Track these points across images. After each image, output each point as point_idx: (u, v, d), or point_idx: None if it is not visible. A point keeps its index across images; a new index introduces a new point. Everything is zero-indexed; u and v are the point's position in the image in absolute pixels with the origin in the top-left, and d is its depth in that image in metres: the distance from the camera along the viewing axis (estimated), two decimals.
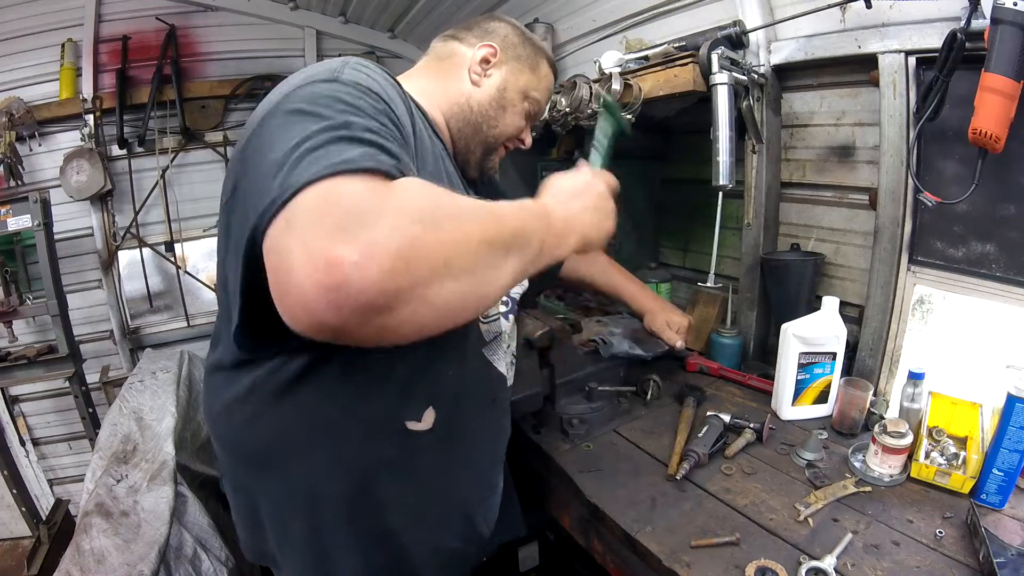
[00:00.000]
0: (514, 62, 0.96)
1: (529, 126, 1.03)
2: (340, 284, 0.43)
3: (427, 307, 0.48)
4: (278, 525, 0.84)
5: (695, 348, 1.70)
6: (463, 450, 0.90)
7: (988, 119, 0.96)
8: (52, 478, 2.96)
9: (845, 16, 1.28)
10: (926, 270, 1.26)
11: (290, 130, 0.55)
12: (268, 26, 2.95)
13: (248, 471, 0.84)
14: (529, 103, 0.99)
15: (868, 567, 0.81)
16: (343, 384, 0.76)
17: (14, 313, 2.42)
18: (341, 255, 0.43)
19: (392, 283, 0.45)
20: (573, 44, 2.21)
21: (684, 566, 0.83)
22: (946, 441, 1.02)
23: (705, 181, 1.36)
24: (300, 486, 0.79)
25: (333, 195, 0.47)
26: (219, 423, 0.85)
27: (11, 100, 2.55)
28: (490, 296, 0.57)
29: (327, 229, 0.45)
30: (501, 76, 0.95)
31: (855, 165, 1.37)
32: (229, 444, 0.86)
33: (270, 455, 0.80)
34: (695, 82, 1.30)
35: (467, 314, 0.55)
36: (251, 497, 0.86)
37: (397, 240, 0.45)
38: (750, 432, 1.16)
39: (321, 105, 0.57)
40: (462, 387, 0.87)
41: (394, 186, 0.51)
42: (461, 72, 0.94)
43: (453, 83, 0.94)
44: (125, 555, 1.50)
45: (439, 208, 0.51)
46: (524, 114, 0.99)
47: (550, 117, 1.69)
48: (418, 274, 0.46)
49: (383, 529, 0.83)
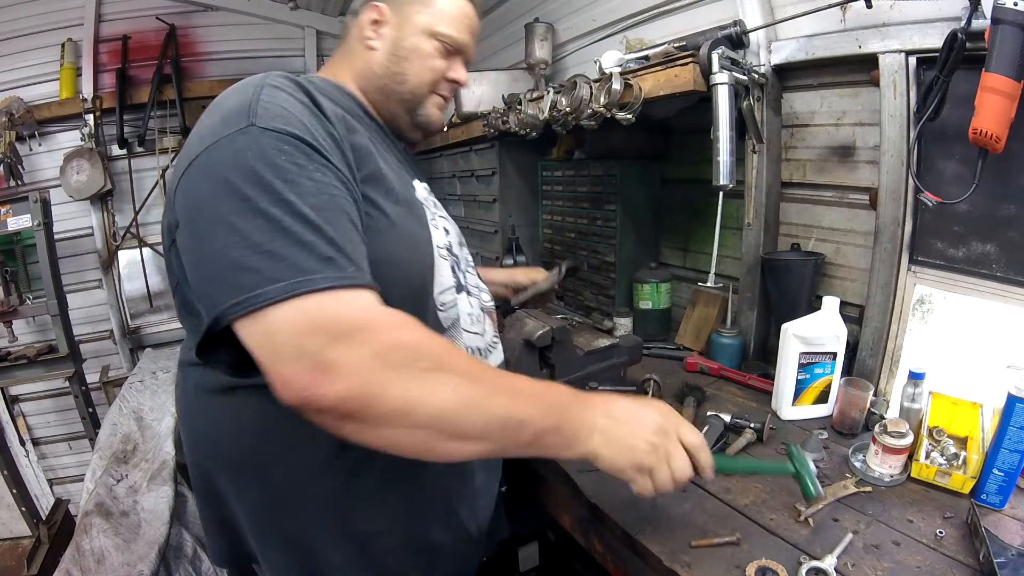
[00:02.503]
0: (405, 7, 0.91)
1: (457, 61, 0.95)
2: (311, 400, 0.54)
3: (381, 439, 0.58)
4: (258, 527, 0.83)
5: (695, 348, 1.70)
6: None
7: (988, 119, 0.96)
8: (52, 478, 2.97)
9: (845, 16, 1.28)
10: (926, 270, 1.26)
11: (228, 214, 0.59)
12: (268, 26, 2.95)
13: (225, 474, 0.82)
14: (439, 39, 0.91)
15: (868, 567, 0.81)
16: None
17: (14, 313, 2.42)
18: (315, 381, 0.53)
19: (350, 411, 0.55)
20: (573, 44, 2.22)
21: (684, 566, 0.83)
22: (946, 441, 1.02)
23: (705, 181, 1.36)
24: (282, 487, 0.79)
25: (310, 317, 0.55)
26: (194, 422, 0.85)
27: (11, 100, 2.55)
28: (445, 456, 0.62)
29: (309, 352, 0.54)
30: (393, 29, 0.91)
31: (855, 165, 1.38)
32: (204, 443, 0.85)
33: (250, 457, 0.80)
34: (695, 82, 1.30)
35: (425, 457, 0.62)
36: (224, 500, 0.84)
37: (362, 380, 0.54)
38: (750, 432, 1.16)
39: (250, 181, 0.59)
40: None
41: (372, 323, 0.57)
42: (359, 44, 0.92)
43: (357, 57, 0.92)
44: (125, 555, 1.50)
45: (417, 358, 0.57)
46: (438, 53, 0.92)
47: (550, 117, 1.69)
48: (370, 415, 0.56)
49: (369, 524, 0.82)
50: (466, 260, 1.00)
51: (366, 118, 0.89)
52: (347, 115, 0.78)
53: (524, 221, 2.30)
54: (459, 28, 0.93)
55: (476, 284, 1.00)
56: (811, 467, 0.83)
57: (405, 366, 0.56)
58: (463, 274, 0.95)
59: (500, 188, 2.27)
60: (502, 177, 2.27)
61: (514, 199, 2.31)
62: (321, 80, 0.86)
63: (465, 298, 0.92)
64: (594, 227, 2.00)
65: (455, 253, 0.94)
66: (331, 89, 0.84)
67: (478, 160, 2.42)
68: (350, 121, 0.78)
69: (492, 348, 0.99)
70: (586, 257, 2.07)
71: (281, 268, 0.56)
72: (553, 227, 2.25)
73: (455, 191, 2.71)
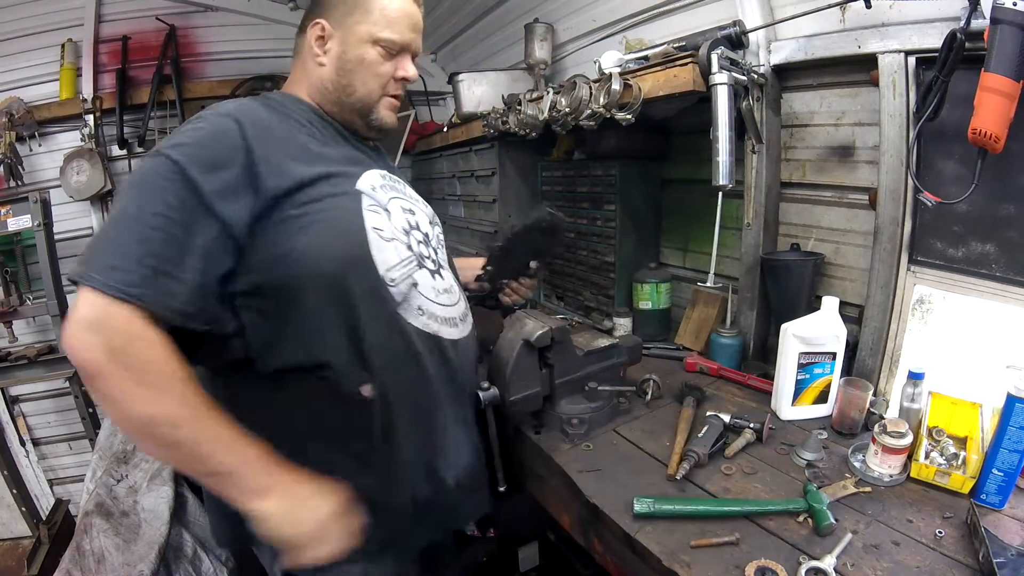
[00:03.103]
0: (345, 18, 0.97)
1: (403, 59, 1.01)
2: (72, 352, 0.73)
3: (107, 410, 0.79)
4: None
5: (695, 348, 1.70)
6: (408, 408, 0.95)
7: (988, 119, 0.96)
8: (52, 478, 2.96)
9: (845, 16, 1.28)
10: (926, 270, 1.26)
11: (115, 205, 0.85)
12: (268, 26, 2.95)
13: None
14: (382, 45, 0.97)
15: (868, 567, 0.81)
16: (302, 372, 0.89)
17: (14, 313, 2.42)
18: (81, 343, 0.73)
19: (91, 373, 0.73)
20: (573, 44, 2.22)
21: (684, 566, 0.83)
22: (946, 441, 1.02)
23: (705, 181, 1.36)
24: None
25: (94, 309, 0.73)
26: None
27: (11, 100, 2.55)
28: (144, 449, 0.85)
29: (83, 324, 0.73)
30: (337, 44, 0.98)
31: (855, 165, 1.38)
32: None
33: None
34: (695, 82, 1.30)
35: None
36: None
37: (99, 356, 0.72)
38: (750, 432, 1.16)
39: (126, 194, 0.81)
40: (385, 351, 0.92)
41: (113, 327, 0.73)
42: (309, 60, 1.00)
43: (310, 71, 1.00)
44: (125, 555, 1.50)
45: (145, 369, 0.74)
46: (383, 58, 0.98)
47: (550, 117, 1.69)
48: (95, 388, 0.74)
49: (361, 488, 0.90)
50: (437, 238, 1.11)
51: (320, 122, 1.00)
52: (296, 125, 0.94)
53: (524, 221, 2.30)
54: (400, 29, 0.98)
55: (445, 260, 1.09)
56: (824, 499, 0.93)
57: (127, 368, 0.73)
58: (433, 251, 1.06)
59: (500, 188, 2.27)
60: (502, 177, 2.27)
61: (514, 199, 2.31)
62: (281, 96, 1.01)
63: (427, 273, 1.00)
64: (594, 227, 2.00)
65: (422, 231, 1.05)
66: (288, 102, 0.99)
67: (478, 160, 2.43)
68: (289, 132, 0.92)
69: (464, 319, 1.07)
70: (586, 256, 2.07)
71: (98, 263, 0.74)
72: None
73: (455, 191, 2.72)
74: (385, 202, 0.98)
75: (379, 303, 0.91)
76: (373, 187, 0.97)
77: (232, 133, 0.83)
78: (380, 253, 0.92)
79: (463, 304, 1.10)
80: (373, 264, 0.90)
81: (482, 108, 2.25)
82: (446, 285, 1.05)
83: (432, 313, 0.99)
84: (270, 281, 0.85)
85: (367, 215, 0.92)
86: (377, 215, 0.94)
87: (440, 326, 1.00)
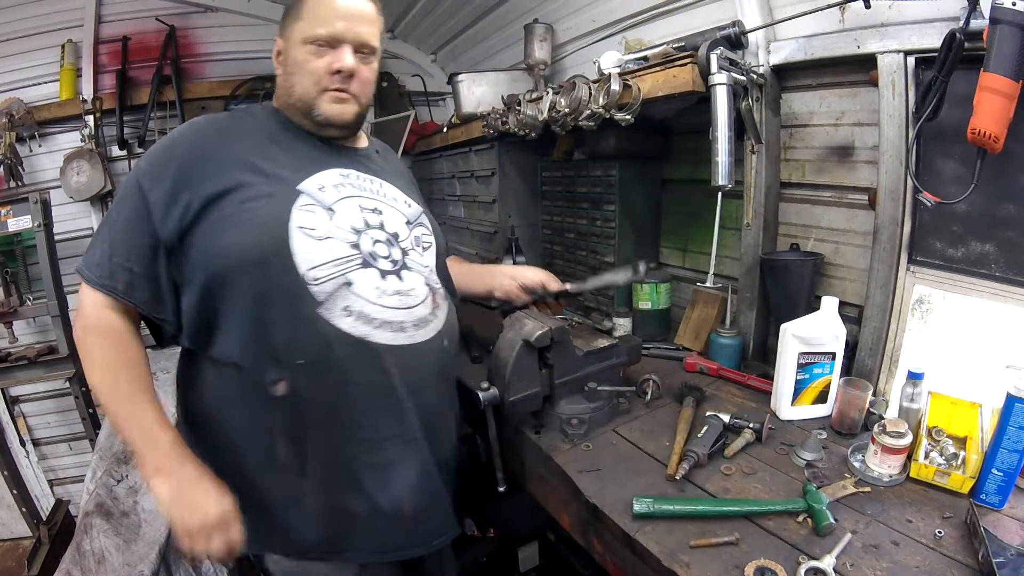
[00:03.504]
0: (286, 29, 1.03)
1: (340, 51, 1.00)
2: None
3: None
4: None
5: (695, 348, 1.70)
6: (321, 413, 0.95)
7: (987, 119, 0.97)
8: (52, 478, 2.96)
9: (844, 16, 1.28)
10: (925, 270, 1.26)
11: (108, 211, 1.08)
12: (268, 26, 2.94)
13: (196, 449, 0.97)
14: (311, 42, 0.99)
15: (867, 567, 0.81)
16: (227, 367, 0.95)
17: (14, 314, 2.42)
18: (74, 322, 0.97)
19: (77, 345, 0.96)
20: (572, 44, 2.22)
21: (683, 566, 0.83)
22: (945, 441, 1.02)
23: (704, 181, 1.36)
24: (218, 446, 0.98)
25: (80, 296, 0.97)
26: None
27: (11, 101, 2.55)
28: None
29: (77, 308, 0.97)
30: (285, 53, 1.03)
31: (854, 165, 1.38)
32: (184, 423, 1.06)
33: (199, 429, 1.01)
34: (694, 82, 1.30)
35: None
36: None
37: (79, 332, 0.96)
38: (749, 432, 1.16)
39: (113, 205, 0.99)
40: (298, 350, 0.93)
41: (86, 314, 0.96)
42: (278, 74, 1.07)
43: (278, 84, 1.07)
44: (125, 555, 1.50)
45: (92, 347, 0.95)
46: (314, 55, 0.99)
47: (549, 118, 1.69)
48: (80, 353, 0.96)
49: (292, 486, 0.96)
50: (415, 240, 1.09)
51: (281, 127, 1.05)
52: (253, 134, 1.01)
53: (523, 222, 2.30)
54: (328, 22, 0.98)
55: (418, 261, 1.07)
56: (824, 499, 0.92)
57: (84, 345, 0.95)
58: (401, 251, 1.04)
59: (500, 189, 2.27)
60: (501, 178, 2.27)
61: (513, 200, 2.31)
62: (259, 107, 1.11)
63: (375, 273, 0.98)
64: (593, 227, 2.00)
65: (388, 231, 1.04)
66: (258, 112, 1.09)
67: (478, 161, 2.43)
68: (241, 141, 1.00)
69: (421, 325, 1.03)
70: (585, 256, 2.07)
71: (84, 259, 0.96)
72: (552, 228, 2.25)
73: (455, 192, 2.72)
74: (330, 201, 0.99)
75: (297, 301, 0.92)
76: (321, 187, 0.99)
77: (177, 148, 0.97)
78: (304, 251, 0.92)
79: (425, 309, 1.04)
80: (293, 262, 0.92)
81: (482, 108, 2.26)
82: (404, 287, 1.01)
83: (366, 315, 0.95)
84: (201, 277, 0.93)
85: (296, 214, 0.94)
86: (311, 214, 0.95)
87: (374, 330, 0.96)
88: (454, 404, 1.17)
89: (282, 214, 0.93)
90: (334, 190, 1.01)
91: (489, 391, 1.13)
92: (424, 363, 1.04)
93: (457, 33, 2.89)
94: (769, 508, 0.94)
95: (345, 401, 0.96)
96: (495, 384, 1.15)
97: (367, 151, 1.18)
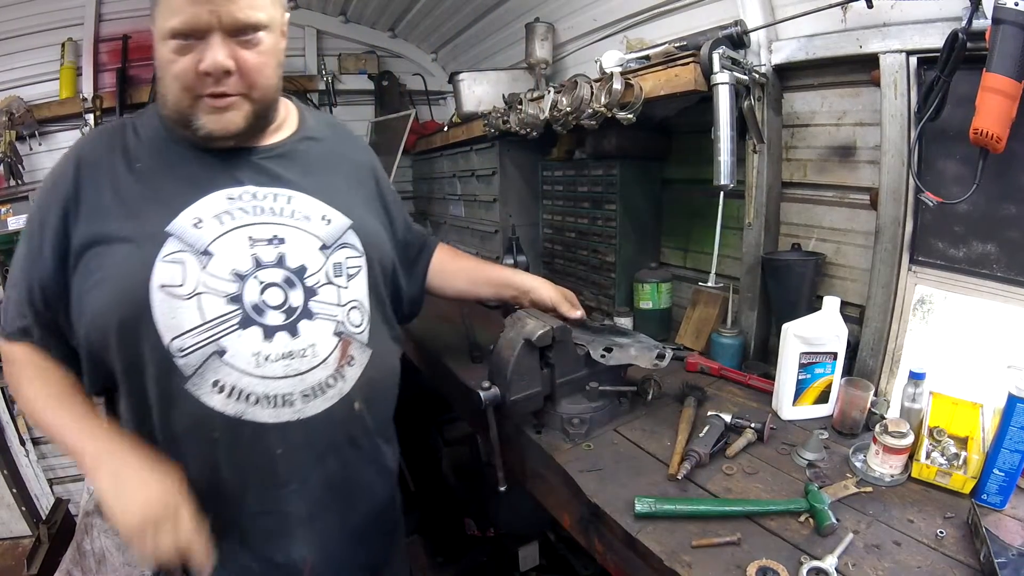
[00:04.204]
0: (152, 16, 0.81)
1: (208, 43, 0.78)
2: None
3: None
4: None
5: (696, 348, 1.70)
6: (208, 488, 0.83)
7: (989, 119, 0.96)
8: (52, 477, 2.96)
9: (846, 16, 1.28)
10: (927, 270, 1.25)
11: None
12: None
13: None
14: (171, 36, 0.78)
15: (869, 567, 0.81)
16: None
17: None
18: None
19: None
20: (574, 44, 2.22)
21: (685, 566, 0.83)
22: (947, 441, 1.02)
23: (706, 181, 1.35)
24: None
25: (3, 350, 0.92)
26: None
27: (11, 99, 2.55)
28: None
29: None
30: (155, 48, 0.82)
31: (856, 165, 1.37)
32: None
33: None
34: (696, 82, 1.30)
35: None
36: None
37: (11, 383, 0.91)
38: (751, 432, 1.16)
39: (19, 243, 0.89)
40: (175, 431, 0.82)
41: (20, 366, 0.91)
42: None
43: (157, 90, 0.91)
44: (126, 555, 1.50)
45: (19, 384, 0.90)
46: (177, 52, 0.78)
47: (551, 117, 1.69)
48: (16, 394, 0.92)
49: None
50: (336, 269, 0.89)
51: (163, 140, 0.87)
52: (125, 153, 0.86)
53: (524, 221, 2.30)
54: (181, 7, 0.75)
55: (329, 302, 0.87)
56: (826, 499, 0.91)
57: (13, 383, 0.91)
58: (304, 292, 0.85)
59: (500, 188, 2.27)
60: (502, 177, 2.26)
61: (514, 199, 2.31)
62: (148, 114, 0.92)
63: (256, 333, 0.81)
64: (594, 227, 2.00)
65: (290, 266, 0.85)
66: (144, 121, 0.90)
67: (478, 160, 2.42)
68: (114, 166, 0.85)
69: (324, 388, 0.86)
70: (586, 256, 2.07)
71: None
72: (553, 227, 2.25)
73: (455, 191, 2.71)
74: (207, 241, 0.81)
75: (165, 376, 0.79)
76: (197, 221, 0.82)
77: (60, 187, 0.84)
78: (167, 316, 0.78)
79: (323, 372, 0.86)
80: (156, 330, 0.78)
81: (483, 107, 2.25)
82: (297, 346, 0.83)
83: (240, 390, 0.81)
84: (83, 339, 0.84)
85: (159, 268, 0.78)
86: (176, 266, 0.79)
87: (251, 407, 0.81)
88: (379, 459, 1.03)
89: (141, 271, 0.78)
90: (215, 222, 0.82)
91: (490, 390, 1.13)
92: (319, 440, 0.88)
93: (458, 32, 2.89)
94: (771, 508, 0.94)
95: (225, 482, 0.85)
96: (496, 383, 1.15)
97: (285, 145, 0.95)
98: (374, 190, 1.08)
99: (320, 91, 3.15)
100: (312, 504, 0.91)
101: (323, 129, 1.03)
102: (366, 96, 3.30)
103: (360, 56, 3.27)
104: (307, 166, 0.95)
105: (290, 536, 0.90)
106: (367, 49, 3.27)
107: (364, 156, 1.12)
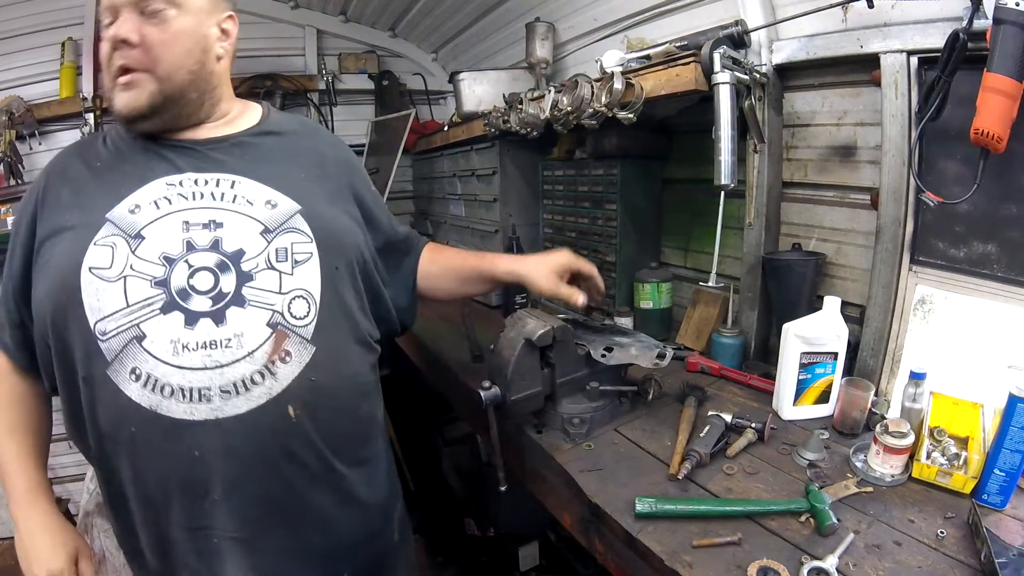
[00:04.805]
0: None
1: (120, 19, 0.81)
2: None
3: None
4: None
5: (696, 348, 1.70)
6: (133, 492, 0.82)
7: (990, 119, 0.96)
8: (52, 477, 2.94)
9: (847, 16, 1.28)
10: (927, 270, 1.25)
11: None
12: (268, 25, 2.94)
13: None
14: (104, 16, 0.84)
15: (870, 567, 0.81)
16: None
17: None
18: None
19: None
20: (574, 43, 2.21)
21: (686, 566, 0.83)
22: (947, 441, 1.02)
23: (707, 181, 1.35)
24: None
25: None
26: None
27: (11, 99, 2.55)
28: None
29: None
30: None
31: (857, 165, 1.37)
32: None
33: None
34: (697, 81, 1.30)
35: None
36: None
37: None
38: (751, 432, 1.16)
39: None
40: (98, 422, 0.80)
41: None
42: None
43: None
44: None
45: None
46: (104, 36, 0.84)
47: (551, 116, 1.69)
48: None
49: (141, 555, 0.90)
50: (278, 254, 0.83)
51: (124, 138, 0.92)
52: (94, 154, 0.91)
53: (525, 221, 2.30)
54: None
55: (266, 289, 0.81)
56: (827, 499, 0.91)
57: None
58: (236, 278, 0.80)
59: (501, 187, 2.27)
60: (503, 176, 2.26)
61: (515, 198, 2.31)
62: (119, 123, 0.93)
63: (178, 318, 0.77)
64: (595, 227, 2.00)
65: (226, 250, 0.81)
66: (112, 131, 0.95)
67: (479, 159, 2.42)
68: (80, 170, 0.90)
69: (248, 385, 0.78)
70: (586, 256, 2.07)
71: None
72: (554, 227, 2.25)
73: (456, 190, 2.71)
74: (140, 226, 0.80)
75: (90, 362, 0.77)
76: (135, 207, 0.81)
77: (32, 193, 0.90)
78: (93, 298, 0.76)
79: (248, 367, 0.78)
80: (84, 314, 0.76)
81: (483, 107, 2.25)
82: (221, 334, 0.77)
83: (155, 379, 0.75)
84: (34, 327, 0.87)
85: (90, 253, 0.78)
86: (105, 249, 0.78)
87: (164, 399, 0.75)
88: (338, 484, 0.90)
89: (76, 254, 0.78)
90: (151, 208, 0.82)
91: (491, 390, 1.13)
92: (244, 447, 0.78)
93: (458, 32, 2.88)
94: (771, 508, 0.94)
95: (152, 494, 0.80)
96: (496, 383, 1.15)
97: (239, 138, 0.94)
98: (345, 185, 1.03)
99: (320, 91, 3.14)
100: (246, 524, 0.82)
101: (289, 125, 1.03)
102: (366, 96, 3.30)
103: (360, 56, 3.27)
104: (260, 156, 0.93)
105: (220, 557, 0.82)
106: (367, 49, 3.27)
107: (337, 152, 1.07)
